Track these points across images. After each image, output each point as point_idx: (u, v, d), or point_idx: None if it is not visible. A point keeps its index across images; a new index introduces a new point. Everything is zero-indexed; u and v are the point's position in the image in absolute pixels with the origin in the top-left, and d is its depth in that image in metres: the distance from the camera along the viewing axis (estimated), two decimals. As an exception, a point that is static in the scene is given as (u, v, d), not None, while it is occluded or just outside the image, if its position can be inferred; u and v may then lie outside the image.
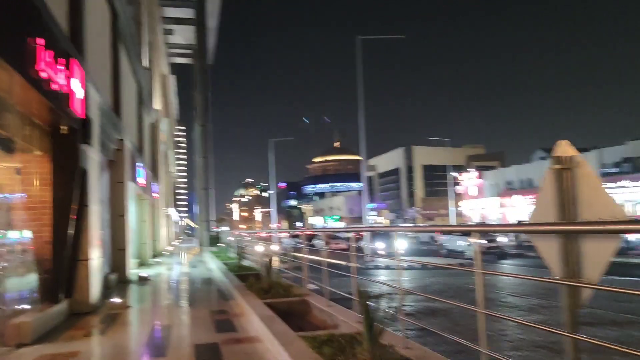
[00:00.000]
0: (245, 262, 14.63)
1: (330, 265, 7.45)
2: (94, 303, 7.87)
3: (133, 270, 16.00)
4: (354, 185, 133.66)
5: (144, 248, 19.05)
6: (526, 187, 51.22)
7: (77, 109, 6.95)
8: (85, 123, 7.31)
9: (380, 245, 26.17)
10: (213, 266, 16.10)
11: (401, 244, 26.82)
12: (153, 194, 23.04)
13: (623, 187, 37.38)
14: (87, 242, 7.82)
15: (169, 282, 12.43)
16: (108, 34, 12.52)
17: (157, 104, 28.06)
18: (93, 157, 8.45)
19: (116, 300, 8.19)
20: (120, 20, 13.33)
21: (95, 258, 8.15)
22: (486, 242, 21.19)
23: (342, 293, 7.63)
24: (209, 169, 29.44)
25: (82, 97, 6.95)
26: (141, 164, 17.09)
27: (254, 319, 6.33)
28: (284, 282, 9.05)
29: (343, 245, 35.98)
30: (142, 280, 12.67)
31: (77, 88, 6.77)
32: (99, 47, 10.95)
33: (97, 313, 7.69)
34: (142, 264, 18.58)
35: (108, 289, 10.91)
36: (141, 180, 16.89)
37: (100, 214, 10.68)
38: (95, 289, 8.02)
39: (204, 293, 10.35)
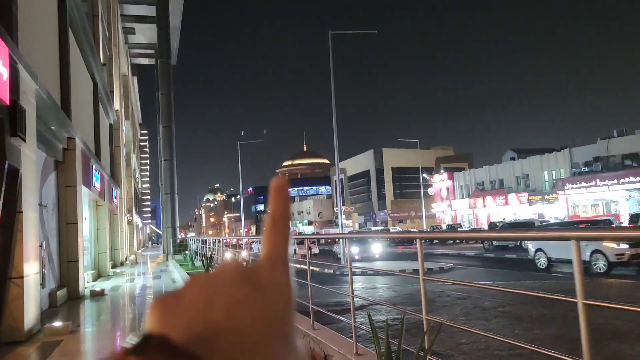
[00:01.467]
0: (213, 272, 13.40)
1: (305, 273, 6.41)
2: (29, 329, 6.55)
3: (88, 284, 14.55)
4: (322, 189, 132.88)
5: (102, 258, 17.54)
6: (497, 188, 51.21)
7: None
8: (13, 111, 6.02)
9: (354, 250, 25.19)
10: (178, 277, 14.78)
11: (376, 248, 25.90)
12: (113, 200, 21.46)
13: (595, 186, 37.50)
14: (21, 256, 6.50)
15: (127, 297, 11.10)
16: (54, 20, 11.15)
17: (117, 104, 26.44)
18: (29, 155, 7.13)
19: (58, 323, 6.86)
20: (69, 6, 11.94)
21: (32, 274, 6.83)
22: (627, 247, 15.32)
23: (334, 315, 6.60)
24: (174, 173, 27.89)
25: (5, 79, 5.67)
26: (98, 167, 15.64)
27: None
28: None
29: (315, 250, 34.94)
30: (96, 295, 11.30)
31: None
32: (40, 30, 9.61)
33: (32, 341, 6.38)
34: (100, 275, 17.09)
35: (53, 308, 9.54)
36: (97, 184, 15.44)
37: (42, 221, 9.34)
38: (31, 311, 6.70)
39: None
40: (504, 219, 44.52)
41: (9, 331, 6.35)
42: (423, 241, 4.41)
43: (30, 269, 6.80)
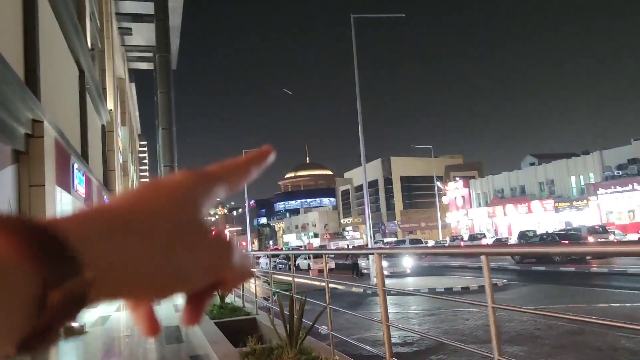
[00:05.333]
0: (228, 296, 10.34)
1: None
2: None
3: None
4: (327, 200, 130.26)
5: (89, 280, 14.52)
6: (518, 195, 48.22)
7: None
8: None
9: (383, 264, 22.25)
10: (181, 302, 11.74)
11: (407, 262, 22.88)
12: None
13: (632, 190, 34.49)
14: None
15: (111, 337, 8.09)
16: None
17: (110, 104, 23.62)
18: None
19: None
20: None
21: None
22: None
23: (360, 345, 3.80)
24: (175, 181, 24.91)
25: None
26: (82, 167, 12.69)
27: None
28: (319, 347, 4.95)
29: (331, 265, 31.85)
30: (72, 334, 8.29)
31: None
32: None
33: None
34: (86, 301, 14.07)
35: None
36: (81, 188, 12.48)
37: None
38: None
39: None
40: (537, 226, 41.34)
41: None
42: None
43: None
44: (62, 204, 11.87)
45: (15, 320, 0.24)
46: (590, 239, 24.79)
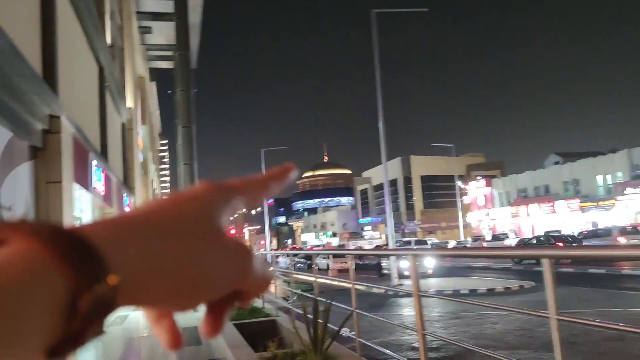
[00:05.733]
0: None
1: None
2: None
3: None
4: (344, 200, 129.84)
5: (108, 278, 14.42)
6: (542, 195, 47.18)
7: None
8: None
9: (403, 265, 21.71)
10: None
11: (429, 263, 22.39)
12: (124, 209, 18.43)
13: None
14: None
15: (130, 338, 7.87)
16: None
17: (130, 101, 23.60)
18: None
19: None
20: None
21: None
22: None
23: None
24: (195, 179, 24.83)
25: None
26: (100, 165, 12.56)
27: None
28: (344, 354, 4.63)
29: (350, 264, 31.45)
30: (89, 334, 8.09)
31: None
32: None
33: None
34: (105, 299, 13.97)
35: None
36: (100, 186, 12.35)
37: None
38: None
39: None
40: (562, 226, 40.32)
41: None
42: None
43: None
44: (80, 201, 11.75)
45: (47, 326, 0.24)
46: (622, 240, 24.03)
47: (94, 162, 11.54)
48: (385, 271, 23.11)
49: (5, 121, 6.57)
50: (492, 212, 53.71)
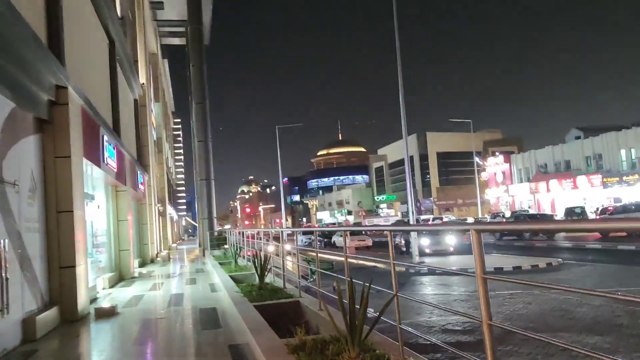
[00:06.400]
0: (266, 276, 9.57)
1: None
2: None
3: (103, 291, 11.09)
4: (359, 178, 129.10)
5: (124, 257, 14.15)
6: (562, 170, 46.03)
7: None
8: None
9: (424, 242, 21.16)
10: (218, 280, 11.18)
11: (450, 240, 21.82)
12: (138, 187, 18.09)
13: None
14: None
15: (144, 320, 7.47)
16: None
17: (143, 77, 23.10)
18: None
19: None
20: None
21: None
22: None
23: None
24: (209, 156, 24.41)
25: None
26: (112, 140, 12.12)
27: None
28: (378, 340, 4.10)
29: (368, 242, 31.01)
30: (103, 315, 7.76)
31: None
32: None
33: None
34: (121, 278, 13.71)
35: (30, 343, 6.04)
36: (112, 162, 11.93)
37: (5, 207, 5.82)
38: None
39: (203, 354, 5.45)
40: (583, 202, 39.32)
41: None
42: None
43: None
44: (92, 178, 11.35)
45: None
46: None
47: (105, 137, 11.09)
48: (404, 248, 22.63)
49: (6, 90, 6.08)
50: (511, 188, 52.68)
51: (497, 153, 58.62)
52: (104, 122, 11.25)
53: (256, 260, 8.89)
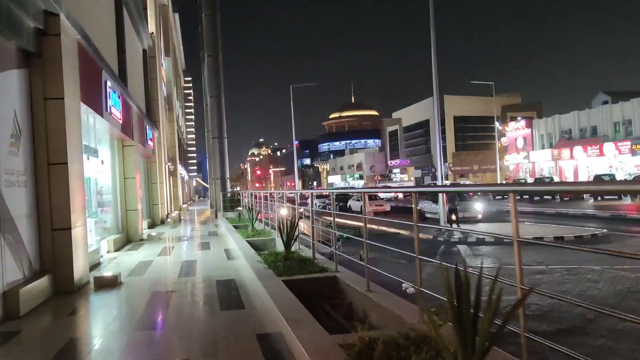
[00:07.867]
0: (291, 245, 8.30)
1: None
2: None
3: (107, 255, 10.01)
4: (371, 142, 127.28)
5: (131, 217, 13.05)
6: (588, 137, 44.13)
7: None
8: None
9: (478, 207, 19.80)
10: (235, 247, 10.05)
11: (478, 207, 20.50)
12: (147, 142, 16.87)
13: None
14: None
15: (150, 293, 6.33)
16: None
17: (152, 27, 21.58)
18: None
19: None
20: None
21: None
22: None
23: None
24: (222, 113, 23.05)
25: None
26: (116, 88, 10.80)
27: None
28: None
29: (386, 208, 29.83)
30: (103, 286, 6.64)
31: None
32: None
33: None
34: (129, 240, 12.65)
35: (12, 320, 4.92)
36: (117, 112, 10.65)
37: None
38: None
39: (230, 343, 4.30)
40: (609, 170, 37.55)
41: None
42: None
43: None
44: (94, 129, 10.10)
45: None
46: None
47: (109, 83, 9.76)
48: (428, 215, 21.39)
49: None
50: (532, 154, 50.89)
51: (519, 118, 56.52)
52: (107, 65, 9.92)
53: (281, 225, 7.65)
